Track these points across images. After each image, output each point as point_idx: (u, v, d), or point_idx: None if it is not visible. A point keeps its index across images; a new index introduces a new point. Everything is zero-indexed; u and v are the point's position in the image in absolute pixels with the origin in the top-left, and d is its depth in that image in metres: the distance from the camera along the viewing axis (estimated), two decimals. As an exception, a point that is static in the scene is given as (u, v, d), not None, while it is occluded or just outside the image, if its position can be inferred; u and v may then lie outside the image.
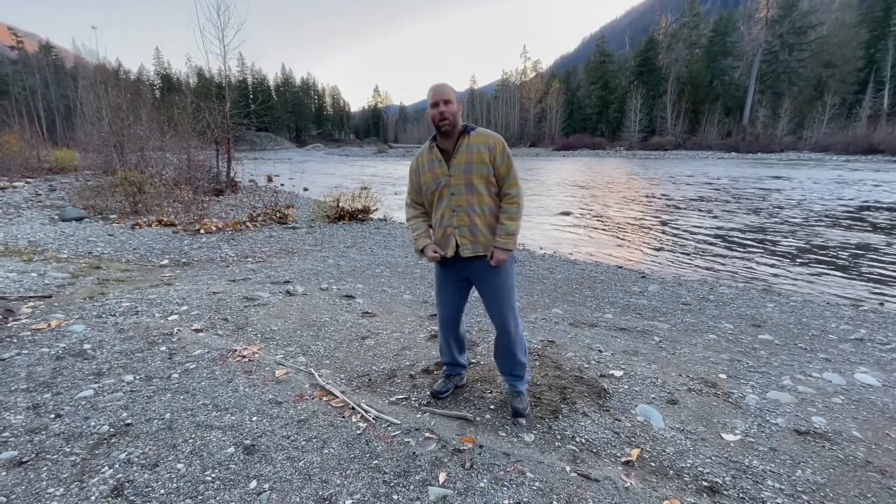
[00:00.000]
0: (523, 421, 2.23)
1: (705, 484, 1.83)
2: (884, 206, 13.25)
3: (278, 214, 9.34)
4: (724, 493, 1.78)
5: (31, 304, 3.86)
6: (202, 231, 7.80)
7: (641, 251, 8.24)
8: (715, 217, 11.84)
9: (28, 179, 17.58)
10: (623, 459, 1.97)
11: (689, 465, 1.95)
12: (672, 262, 7.43)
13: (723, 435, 2.19)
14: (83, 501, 1.63)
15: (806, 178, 22.45)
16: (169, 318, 3.51)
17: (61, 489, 1.68)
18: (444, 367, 2.54)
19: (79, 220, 9.05)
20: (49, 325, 3.30)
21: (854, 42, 48.74)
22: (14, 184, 15.81)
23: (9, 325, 3.33)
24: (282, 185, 18.89)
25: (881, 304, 5.22)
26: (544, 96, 77.95)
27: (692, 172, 27.08)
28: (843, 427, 2.30)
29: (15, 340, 3.01)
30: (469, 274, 2.24)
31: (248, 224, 8.62)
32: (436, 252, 2.19)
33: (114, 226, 8.34)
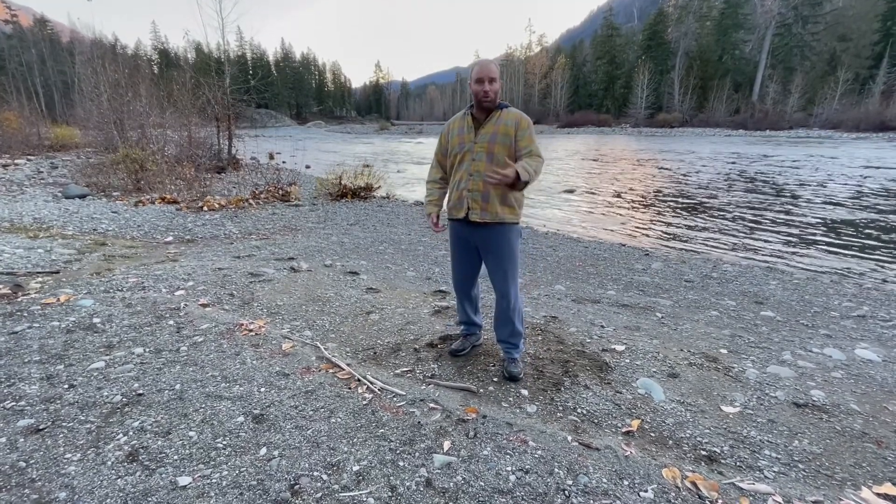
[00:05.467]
0: (525, 392, 2.28)
1: (704, 453, 1.87)
2: (887, 184, 13.07)
3: (281, 192, 9.31)
4: (722, 461, 1.83)
5: (40, 279, 3.90)
6: (205, 208, 7.80)
7: (645, 229, 8.21)
8: (719, 195, 11.73)
9: (29, 157, 17.53)
10: (624, 430, 2.01)
11: (688, 435, 1.99)
12: (675, 239, 7.40)
13: (722, 407, 2.22)
14: (100, 466, 1.68)
15: (813, 156, 22.11)
16: (175, 294, 3.55)
17: (78, 455, 1.74)
18: (462, 327, 2.72)
19: (82, 197, 9.05)
20: (58, 299, 3.34)
21: (870, 14, 47.16)
22: (16, 161, 15.77)
23: (19, 299, 3.38)
24: (283, 162, 18.77)
25: (884, 281, 5.21)
26: (549, 71, 76.34)
27: (698, 150, 26.70)
28: (842, 400, 2.33)
29: (26, 314, 3.06)
30: (476, 240, 2.36)
31: (251, 201, 8.60)
32: (435, 223, 2.48)
33: (117, 203, 8.35)
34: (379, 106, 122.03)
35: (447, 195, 2.44)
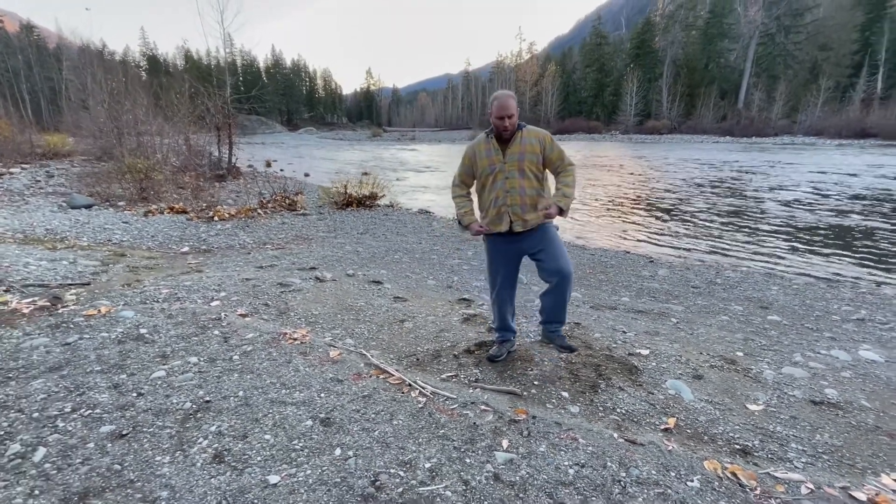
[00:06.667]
0: (566, 394, 2.45)
1: (738, 447, 2.06)
2: (868, 189, 13.58)
3: (287, 201, 9.42)
4: (756, 454, 2.02)
5: (73, 291, 3.99)
6: (216, 218, 7.89)
7: (644, 235, 8.47)
8: (711, 201, 12.08)
9: (23, 165, 17.35)
10: (662, 427, 2.20)
11: (720, 431, 2.18)
12: (674, 246, 7.67)
13: (747, 405, 2.42)
14: (191, 467, 1.81)
15: (797, 162, 22.76)
16: (212, 304, 3.67)
17: (167, 457, 1.87)
18: (497, 334, 2.91)
19: (88, 207, 9.07)
20: (99, 311, 3.44)
21: (850, 25, 48.69)
22: (10, 170, 15.62)
23: (59, 311, 3.47)
24: (281, 170, 18.86)
25: (878, 285, 5.50)
26: (540, 79, 77.30)
27: (686, 157, 27.30)
28: (854, 398, 2.55)
29: (72, 326, 3.16)
30: (522, 245, 2.64)
31: (260, 211, 8.70)
32: (481, 228, 2.62)
33: (125, 213, 8.39)
34: (370, 112, 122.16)
35: (483, 213, 2.67)
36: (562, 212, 2.46)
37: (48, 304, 3.61)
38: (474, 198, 2.77)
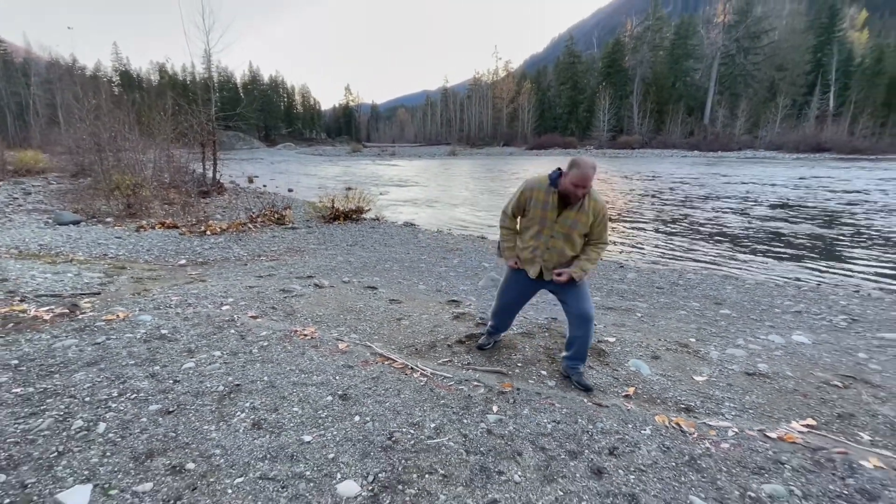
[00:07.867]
0: (544, 372, 2.89)
1: (683, 406, 2.54)
2: (824, 200, 14.72)
3: (276, 215, 9.71)
4: (697, 411, 2.49)
5: (87, 300, 4.24)
6: (208, 232, 8.13)
7: (616, 243, 9.09)
8: (678, 210, 12.91)
9: (-4, 183, 17.06)
10: (623, 394, 2.66)
11: (670, 395, 2.65)
12: (644, 252, 8.29)
13: (694, 377, 2.91)
14: (235, 433, 2.17)
15: (756, 176, 24.21)
16: (223, 308, 3.99)
17: (213, 426, 2.22)
18: (489, 327, 3.25)
19: (75, 223, 9.16)
20: (118, 316, 3.72)
21: (803, 47, 52.23)
22: (-16, 188, 15.37)
23: (79, 317, 3.74)
24: (264, 185, 19.03)
25: (818, 284, 6.17)
26: (516, 96, 79.50)
27: (656, 170, 28.63)
28: (780, 370, 3.07)
29: (96, 329, 3.44)
30: (543, 285, 2.83)
31: (250, 225, 8.97)
32: (516, 265, 2.84)
33: (116, 229, 8.54)
34: (349, 128, 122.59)
35: (520, 247, 2.79)
36: (572, 281, 2.64)
37: (67, 311, 3.87)
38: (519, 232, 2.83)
